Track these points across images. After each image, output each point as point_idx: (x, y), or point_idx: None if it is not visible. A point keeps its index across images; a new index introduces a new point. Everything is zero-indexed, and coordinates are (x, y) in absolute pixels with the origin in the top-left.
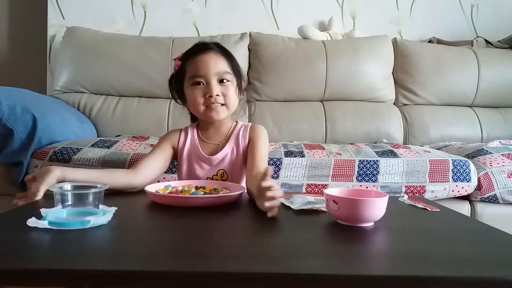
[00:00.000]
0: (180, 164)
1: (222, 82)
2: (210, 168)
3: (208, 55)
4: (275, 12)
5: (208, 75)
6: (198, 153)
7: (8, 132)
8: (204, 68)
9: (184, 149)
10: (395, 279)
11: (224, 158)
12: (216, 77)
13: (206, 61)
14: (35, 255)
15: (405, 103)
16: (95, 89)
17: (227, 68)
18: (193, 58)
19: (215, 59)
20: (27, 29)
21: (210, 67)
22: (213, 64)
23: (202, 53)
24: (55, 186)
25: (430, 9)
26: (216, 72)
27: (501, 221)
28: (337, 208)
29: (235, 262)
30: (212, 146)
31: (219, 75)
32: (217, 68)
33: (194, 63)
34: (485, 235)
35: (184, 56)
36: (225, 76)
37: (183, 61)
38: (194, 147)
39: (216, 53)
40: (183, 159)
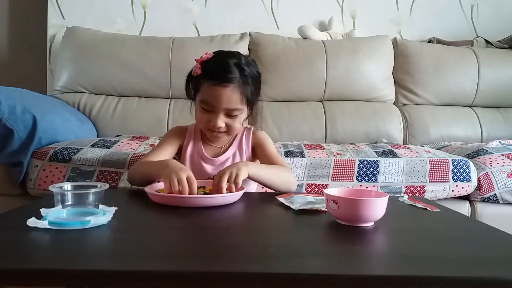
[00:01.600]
0: (183, 163)
1: (230, 116)
2: (212, 169)
3: (225, 89)
4: (275, 12)
5: (217, 108)
6: (201, 153)
7: (8, 132)
8: (215, 101)
9: (188, 148)
10: (395, 279)
11: (226, 161)
12: (225, 111)
13: (220, 96)
14: (35, 255)
15: (405, 103)
16: (95, 89)
17: (239, 105)
18: (209, 85)
19: (229, 95)
20: (27, 29)
21: (222, 102)
22: (227, 100)
23: (220, 85)
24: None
25: (430, 9)
26: (226, 107)
27: (501, 221)
28: (337, 208)
29: (235, 262)
30: (215, 149)
31: (230, 110)
32: (228, 104)
33: (208, 90)
34: (485, 235)
35: (204, 69)
36: (233, 112)
37: (203, 73)
38: (197, 147)
39: (233, 90)
40: (186, 157)
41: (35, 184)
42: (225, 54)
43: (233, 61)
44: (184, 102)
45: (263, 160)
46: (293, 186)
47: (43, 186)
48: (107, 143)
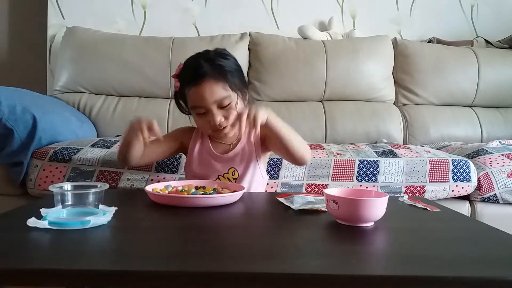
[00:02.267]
0: (190, 162)
1: (223, 107)
2: (221, 166)
3: (202, 86)
4: (275, 12)
5: (206, 105)
6: (209, 151)
7: (8, 132)
8: (201, 100)
9: (195, 148)
10: (395, 279)
11: (235, 157)
12: (216, 105)
13: (201, 93)
14: (35, 255)
15: (405, 103)
16: (95, 89)
17: (224, 92)
18: (189, 89)
19: (209, 89)
20: (27, 29)
21: (206, 98)
22: (210, 94)
23: (196, 84)
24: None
25: (430, 9)
26: (214, 100)
27: (501, 221)
28: (337, 208)
29: (235, 262)
30: (223, 146)
31: (219, 102)
32: (214, 96)
33: (190, 95)
34: (485, 235)
35: (181, 79)
36: (224, 102)
37: (181, 84)
38: (205, 146)
39: (210, 81)
40: (194, 157)
41: (35, 184)
42: (192, 56)
43: (200, 59)
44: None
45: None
46: (308, 153)
47: (43, 186)
48: (107, 143)
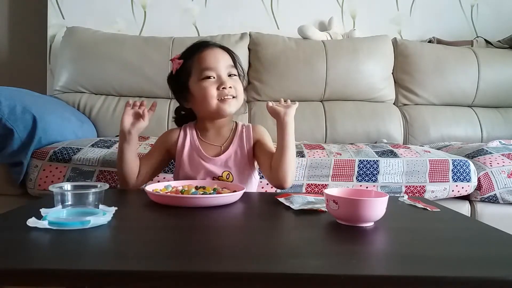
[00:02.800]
0: (180, 165)
1: (231, 76)
2: (215, 169)
3: (214, 49)
4: (275, 12)
5: (218, 68)
6: (200, 154)
7: (8, 132)
8: (214, 62)
9: (184, 151)
10: (395, 279)
11: (229, 160)
12: (227, 71)
13: (215, 55)
14: (35, 255)
15: (405, 103)
16: (95, 89)
17: (233, 63)
18: (200, 53)
19: (222, 54)
20: (27, 29)
21: (219, 60)
22: (222, 58)
23: (208, 48)
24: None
25: (430, 9)
26: (226, 65)
27: (501, 221)
28: (337, 208)
29: (235, 262)
30: (213, 148)
31: (228, 69)
32: (226, 62)
33: (202, 58)
34: (485, 235)
35: (185, 54)
36: (233, 71)
37: (185, 59)
38: (195, 148)
39: (221, 49)
40: (183, 160)
41: (35, 184)
42: None
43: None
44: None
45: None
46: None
47: (43, 186)
48: (107, 143)
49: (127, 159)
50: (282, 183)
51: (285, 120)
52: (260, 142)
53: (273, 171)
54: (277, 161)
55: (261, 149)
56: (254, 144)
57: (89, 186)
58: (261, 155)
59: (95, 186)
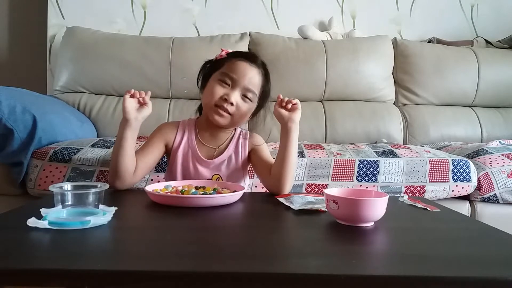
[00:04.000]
0: (174, 163)
1: (244, 97)
2: (206, 171)
3: (250, 66)
4: (275, 12)
5: (237, 82)
6: (195, 154)
7: (8, 132)
8: (238, 74)
9: (180, 148)
10: (395, 279)
11: (222, 164)
12: (242, 90)
13: (245, 70)
14: (35, 255)
15: (405, 103)
16: (95, 89)
17: (256, 89)
18: (236, 59)
19: (253, 74)
20: (27, 29)
21: (244, 77)
22: (248, 77)
23: (247, 61)
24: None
25: (430, 9)
26: (245, 85)
27: (501, 221)
28: (337, 208)
29: (235, 262)
30: (208, 149)
31: (246, 90)
32: (251, 83)
33: (233, 64)
34: (485, 235)
35: (233, 53)
36: (249, 94)
37: (228, 56)
38: (191, 147)
39: (258, 71)
40: (177, 157)
41: (35, 184)
42: None
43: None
44: (184, 102)
45: (259, 163)
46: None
47: (43, 186)
48: (107, 143)
49: (128, 149)
50: (281, 189)
51: (289, 126)
52: (256, 149)
53: (272, 178)
54: (277, 168)
55: (257, 157)
56: (250, 151)
57: (89, 186)
58: (258, 163)
59: (95, 186)
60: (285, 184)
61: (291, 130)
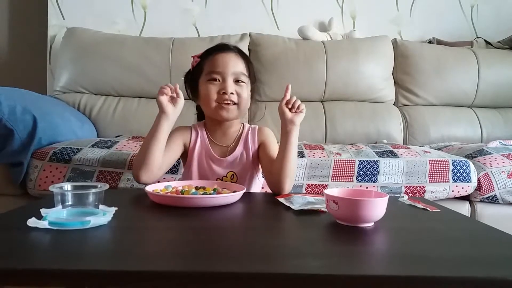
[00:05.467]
0: (190, 163)
1: (238, 82)
2: (220, 170)
3: (228, 54)
4: (275, 12)
5: (225, 72)
6: (209, 153)
7: (8, 132)
8: (222, 66)
9: (195, 148)
10: (395, 279)
11: (235, 161)
12: (233, 77)
13: (225, 59)
14: (35, 255)
15: (405, 103)
16: (95, 89)
17: (244, 70)
18: (213, 55)
19: (234, 59)
20: (27, 29)
21: (228, 65)
22: (232, 63)
23: (223, 51)
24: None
25: (430, 9)
26: (233, 71)
27: (501, 221)
28: (337, 208)
29: (235, 262)
30: (221, 148)
31: (236, 75)
32: (234, 68)
33: (213, 60)
34: (485, 235)
35: (203, 54)
36: (241, 77)
37: (202, 58)
38: (205, 147)
39: (236, 54)
40: (194, 158)
41: (35, 184)
42: None
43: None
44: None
45: (264, 157)
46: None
47: (43, 186)
48: (107, 144)
49: (162, 141)
50: (280, 189)
51: (289, 128)
52: (264, 144)
53: (273, 176)
54: (276, 168)
55: (264, 152)
56: (259, 146)
57: (89, 186)
58: (263, 158)
59: (95, 186)
60: (284, 184)
61: (291, 132)
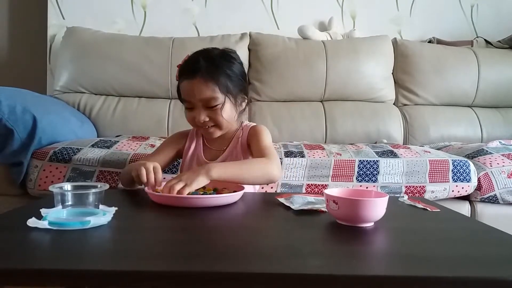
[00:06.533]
0: (183, 166)
1: (210, 108)
2: None
3: (192, 82)
4: (275, 12)
5: (193, 102)
6: (199, 159)
7: (8, 132)
8: (188, 94)
9: (188, 154)
10: (395, 279)
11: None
12: (201, 103)
13: (191, 88)
14: (35, 255)
15: (405, 103)
16: (95, 89)
17: (215, 93)
18: (181, 81)
19: (199, 86)
20: (27, 29)
21: (194, 94)
22: (198, 91)
23: (188, 78)
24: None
25: (430, 9)
26: (201, 99)
27: (501, 221)
28: (337, 208)
29: (235, 262)
30: (215, 152)
31: (205, 101)
32: (201, 95)
33: (181, 87)
34: (485, 235)
35: (180, 70)
36: (210, 103)
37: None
38: (197, 152)
39: (200, 79)
40: (185, 163)
41: (35, 184)
42: (198, 50)
43: (202, 55)
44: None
45: (253, 155)
46: (272, 176)
47: (43, 186)
48: (107, 143)
49: None
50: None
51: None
52: (252, 142)
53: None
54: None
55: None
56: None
57: (89, 186)
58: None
59: (95, 186)
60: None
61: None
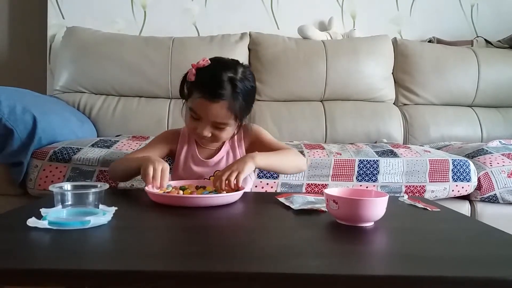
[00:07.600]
0: (177, 167)
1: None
2: (207, 171)
3: (213, 105)
4: (275, 12)
5: (204, 119)
6: (194, 156)
7: (8, 132)
8: (202, 112)
9: (182, 152)
10: (395, 279)
11: (220, 161)
12: (212, 123)
13: (208, 110)
14: (35, 255)
15: (405, 103)
16: (95, 89)
17: (229, 120)
18: (199, 96)
19: (218, 111)
20: (27, 29)
21: (208, 114)
22: (215, 115)
23: (208, 99)
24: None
25: (430, 9)
26: (213, 121)
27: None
28: (337, 208)
29: (235, 262)
30: (209, 151)
31: (215, 123)
32: (216, 118)
33: (198, 101)
34: (485, 235)
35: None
36: (220, 126)
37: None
38: (191, 150)
39: (223, 105)
40: (180, 161)
41: (35, 184)
42: (221, 65)
43: (228, 75)
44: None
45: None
46: (303, 166)
47: (43, 186)
48: (107, 143)
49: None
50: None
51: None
52: (258, 142)
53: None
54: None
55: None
56: (253, 144)
57: (89, 186)
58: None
59: (95, 186)
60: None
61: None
